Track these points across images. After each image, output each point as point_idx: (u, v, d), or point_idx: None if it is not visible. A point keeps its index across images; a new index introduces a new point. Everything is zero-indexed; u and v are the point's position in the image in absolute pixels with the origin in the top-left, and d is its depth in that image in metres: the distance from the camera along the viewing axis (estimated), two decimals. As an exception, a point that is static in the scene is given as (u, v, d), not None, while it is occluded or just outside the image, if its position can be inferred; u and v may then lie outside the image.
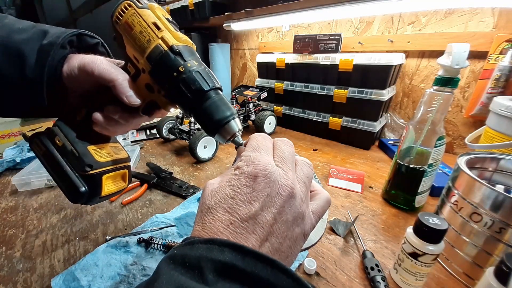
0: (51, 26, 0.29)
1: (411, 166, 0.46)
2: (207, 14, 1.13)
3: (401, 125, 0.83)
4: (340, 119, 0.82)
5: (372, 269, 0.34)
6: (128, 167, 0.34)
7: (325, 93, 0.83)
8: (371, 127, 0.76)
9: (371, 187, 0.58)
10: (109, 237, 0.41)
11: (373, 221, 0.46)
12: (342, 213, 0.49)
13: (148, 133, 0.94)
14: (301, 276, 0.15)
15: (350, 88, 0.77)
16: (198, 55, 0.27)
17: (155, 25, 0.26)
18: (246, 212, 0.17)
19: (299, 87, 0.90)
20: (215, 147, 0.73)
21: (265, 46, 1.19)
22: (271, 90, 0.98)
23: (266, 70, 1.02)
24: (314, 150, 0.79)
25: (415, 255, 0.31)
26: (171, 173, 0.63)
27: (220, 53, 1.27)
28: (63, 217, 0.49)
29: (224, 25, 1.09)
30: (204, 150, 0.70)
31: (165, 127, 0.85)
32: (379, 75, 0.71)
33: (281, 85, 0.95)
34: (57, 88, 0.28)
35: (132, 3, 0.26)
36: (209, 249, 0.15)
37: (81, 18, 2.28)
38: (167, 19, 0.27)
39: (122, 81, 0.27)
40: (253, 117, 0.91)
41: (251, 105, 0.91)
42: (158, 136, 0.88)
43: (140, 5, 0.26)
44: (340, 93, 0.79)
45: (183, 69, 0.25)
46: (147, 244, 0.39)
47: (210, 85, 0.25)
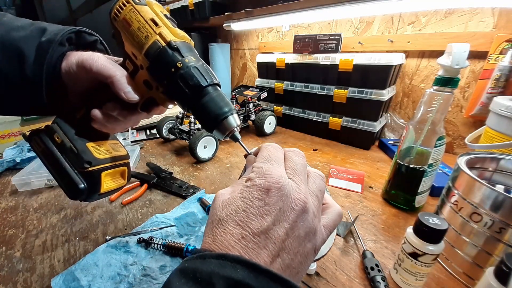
0: (49, 24, 0.29)
1: (411, 166, 0.46)
2: (207, 14, 1.13)
3: (401, 125, 0.83)
4: (340, 119, 0.82)
5: (372, 269, 0.34)
6: (127, 164, 0.34)
7: (325, 93, 0.83)
8: (371, 127, 0.76)
9: (371, 187, 0.58)
10: (109, 237, 0.41)
11: (373, 221, 0.46)
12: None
13: (148, 133, 0.94)
14: None
15: (350, 88, 0.77)
16: (196, 51, 0.27)
17: (153, 21, 0.25)
18: (258, 227, 0.17)
19: (299, 87, 0.90)
20: (215, 147, 0.73)
21: (265, 46, 1.19)
22: (271, 90, 0.98)
23: (266, 70, 1.02)
24: (314, 150, 0.79)
25: (415, 255, 0.31)
26: (171, 173, 0.63)
27: (220, 53, 1.27)
28: (63, 217, 0.49)
29: (224, 25, 1.09)
30: (204, 150, 0.70)
31: (165, 127, 0.85)
32: (379, 75, 0.71)
33: (281, 85, 0.95)
34: (56, 86, 0.28)
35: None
36: (221, 265, 0.15)
37: (81, 18, 2.28)
38: (165, 15, 0.27)
39: (120, 77, 0.27)
40: (253, 117, 0.91)
41: (251, 105, 0.91)
42: (158, 136, 0.88)
43: (138, 1, 0.26)
44: (340, 93, 0.79)
45: (181, 65, 0.25)
46: (147, 244, 0.39)
47: (208, 81, 0.25)
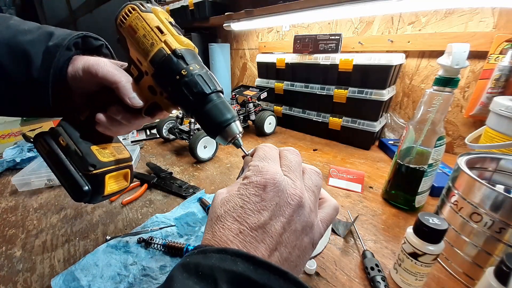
0: (56, 28, 0.29)
1: (411, 166, 0.46)
2: (207, 14, 1.13)
3: (401, 125, 0.83)
4: (340, 119, 0.82)
5: (372, 269, 0.34)
6: (130, 167, 0.35)
7: (325, 93, 0.83)
8: (371, 127, 0.76)
9: (371, 187, 0.58)
10: (109, 237, 0.41)
11: (373, 221, 0.46)
12: (342, 213, 0.48)
13: (148, 133, 0.94)
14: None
15: (350, 88, 0.77)
16: (200, 59, 0.28)
17: (158, 28, 0.26)
18: (255, 221, 0.18)
19: (299, 87, 0.90)
20: (215, 147, 0.73)
21: (265, 46, 1.19)
22: (271, 90, 0.98)
23: (266, 70, 1.02)
24: (314, 150, 0.79)
25: (415, 255, 0.31)
26: (171, 173, 0.63)
27: (220, 53, 1.27)
28: (63, 217, 0.49)
29: (224, 25, 1.09)
30: (204, 150, 0.70)
31: (165, 127, 0.85)
32: (379, 75, 0.71)
33: (281, 85, 0.95)
34: (62, 89, 0.28)
35: (136, 6, 0.26)
36: (222, 258, 0.15)
37: (81, 18, 2.28)
38: (170, 22, 0.27)
39: (126, 83, 0.27)
40: (253, 117, 0.91)
41: (251, 105, 0.91)
42: (158, 136, 0.88)
43: (143, 8, 0.26)
44: (340, 93, 0.79)
45: (186, 72, 0.25)
46: (147, 244, 0.39)
47: (211, 88, 0.25)
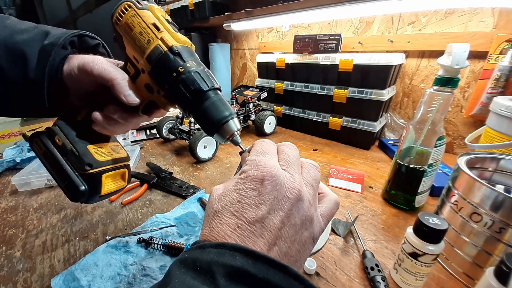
0: (52, 27, 0.29)
1: (411, 166, 0.46)
2: (207, 14, 1.13)
3: (401, 125, 0.83)
4: (340, 119, 0.82)
5: (372, 269, 0.34)
6: (127, 166, 0.34)
7: (325, 93, 0.83)
8: (371, 127, 0.76)
9: (371, 187, 0.58)
10: (109, 237, 0.41)
11: (373, 221, 0.46)
12: (342, 213, 0.49)
13: (148, 133, 0.94)
14: (313, 283, 0.15)
15: (350, 88, 0.77)
16: (197, 56, 0.28)
17: (154, 26, 0.26)
18: (253, 216, 0.17)
19: (299, 87, 0.90)
20: (215, 147, 0.73)
21: (265, 46, 1.19)
22: (271, 90, 0.98)
23: (266, 70, 1.02)
24: (314, 150, 0.79)
25: (415, 255, 0.31)
26: (171, 173, 0.63)
27: (220, 53, 1.27)
28: (63, 217, 0.49)
29: (224, 25, 1.09)
30: (204, 150, 0.70)
31: (165, 127, 0.85)
32: (379, 75, 0.71)
33: (281, 85, 0.95)
34: (58, 88, 0.28)
35: (132, 4, 0.26)
36: (220, 253, 0.15)
37: (81, 18, 2.28)
38: (166, 20, 0.27)
39: (121, 80, 0.27)
40: (253, 117, 0.91)
41: (251, 105, 0.91)
42: (158, 136, 0.88)
43: (140, 6, 0.26)
44: (340, 93, 0.79)
45: (183, 69, 0.25)
46: (147, 244, 0.39)
47: (209, 85, 0.25)
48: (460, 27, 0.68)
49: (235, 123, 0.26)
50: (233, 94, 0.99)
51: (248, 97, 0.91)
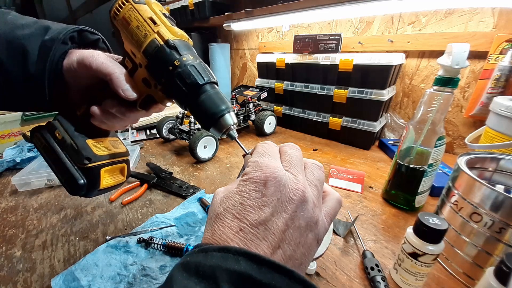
0: (53, 22, 0.29)
1: (411, 166, 0.46)
2: (207, 14, 1.13)
3: (401, 125, 0.83)
4: (340, 119, 0.82)
5: (372, 269, 0.34)
6: (126, 161, 0.35)
7: (325, 93, 0.83)
8: (371, 127, 0.76)
9: (371, 187, 0.58)
10: (109, 237, 0.41)
11: (373, 221, 0.46)
12: (342, 213, 0.48)
13: (148, 133, 0.94)
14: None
15: (350, 88, 0.77)
16: (194, 50, 0.27)
17: (151, 19, 0.26)
18: (256, 218, 0.17)
19: (299, 87, 0.90)
20: (215, 147, 0.73)
21: (265, 46, 1.19)
22: (271, 90, 0.98)
23: (266, 70, 1.02)
24: (314, 150, 0.79)
25: (415, 255, 0.31)
26: (171, 173, 0.63)
27: (220, 53, 1.27)
28: (63, 217, 0.49)
29: (224, 25, 1.09)
30: (204, 150, 0.70)
31: (165, 127, 0.85)
32: (379, 75, 0.71)
33: (281, 85, 0.95)
34: (58, 83, 0.28)
35: None
36: (223, 257, 0.15)
37: (81, 18, 2.28)
38: (163, 14, 0.27)
39: (119, 75, 0.27)
40: (253, 117, 0.91)
41: (251, 105, 0.91)
42: (158, 136, 0.88)
43: (137, 0, 0.26)
44: (340, 93, 0.79)
45: (179, 63, 0.25)
46: (147, 244, 0.39)
47: (205, 79, 0.25)
48: (460, 27, 0.68)
49: (231, 117, 0.25)
50: (233, 94, 0.99)
51: (248, 97, 0.91)
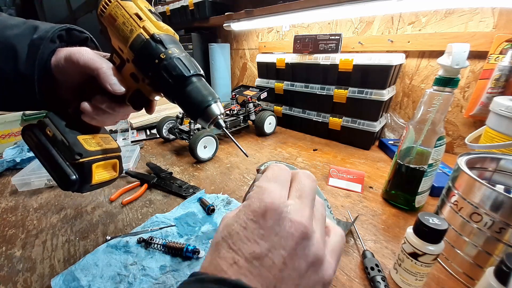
0: (42, 22, 0.29)
1: (411, 166, 0.46)
2: (207, 14, 1.13)
3: (401, 125, 0.83)
4: (340, 119, 0.82)
5: (372, 269, 0.34)
6: (118, 157, 0.35)
7: (325, 93, 0.83)
8: (371, 127, 0.76)
9: (371, 187, 0.58)
10: (109, 237, 0.41)
11: (373, 221, 0.46)
12: (342, 213, 0.49)
13: (148, 133, 0.94)
14: None
15: (350, 88, 0.77)
16: (180, 44, 0.28)
17: (137, 15, 0.26)
18: (250, 251, 0.16)
19: (299, 87, 0.90)
20: (215, 147, 0.73)
21: (265, 46, 1.19)
22: (271, 90, 0.98)
23: (266, 70, 1.02)
24: (314, 150, 0.79)
25: (415, 255, 0.31)
26: (171, 173, 0.63)
27: (220, 53, 1.27)
28: (63, 217, 0.49)
29: (224, 25, 1.09)
30: (204, 150, 0.70)
31: (165, 127, 0.85)
32: (379, 75, 0.71)
33: (281, 85, 0.95)
34: (48, 81, 0.28)
35: None
36: None
37: (81, 18, 2.29)
38: (149, 10, 0.28)
39: (106, 69, 0.27)
40: (253, 117, 0.91)
41: (251, 105, 0.91)
42: (158, 136, 0.88)
43: None
44: (340, 93, 0.79)
45: (164, 56, 0.25)
46: (147, 244, 0.39)
47: (191, 71, 0.26)
48: (460, 27, 0.68)
49: (218, 107, 0.26)
50: (233, 94, 0.99)
51: (248, 97, 0.91)
